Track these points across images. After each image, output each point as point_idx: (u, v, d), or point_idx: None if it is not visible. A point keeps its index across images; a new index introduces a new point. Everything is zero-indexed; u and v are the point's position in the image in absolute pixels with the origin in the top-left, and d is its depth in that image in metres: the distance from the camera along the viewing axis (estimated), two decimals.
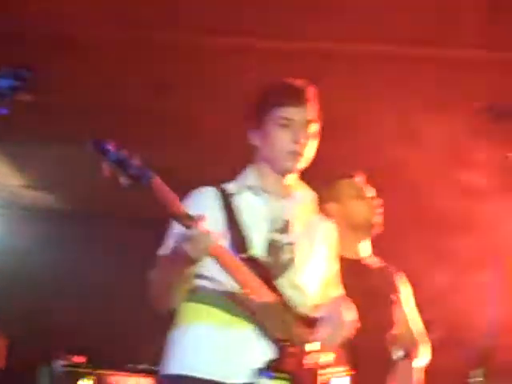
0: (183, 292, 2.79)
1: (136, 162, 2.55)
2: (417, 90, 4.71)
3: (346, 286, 3.63)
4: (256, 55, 4.58)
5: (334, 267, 3.06)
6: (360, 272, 3.72)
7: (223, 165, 3.83)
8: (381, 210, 3.78)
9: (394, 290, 3.79)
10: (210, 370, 2.73)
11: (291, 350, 2.74)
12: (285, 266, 2.84)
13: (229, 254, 2.70)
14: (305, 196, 2.99)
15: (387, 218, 3.79)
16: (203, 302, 2.79)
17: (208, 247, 2.60)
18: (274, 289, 2.77)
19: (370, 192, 3.82)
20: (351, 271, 3.68)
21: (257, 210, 2.86)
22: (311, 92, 2.91)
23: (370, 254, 3.82)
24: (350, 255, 3.73)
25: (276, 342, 2.73)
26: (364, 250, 3.79)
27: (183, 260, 2.63)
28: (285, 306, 2.78)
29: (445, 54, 4.53)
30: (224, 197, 2.85)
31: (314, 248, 2.95)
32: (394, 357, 3.61)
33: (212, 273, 2.76)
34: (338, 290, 3.07)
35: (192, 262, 2.64)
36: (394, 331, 3.71)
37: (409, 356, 3.62)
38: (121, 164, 2.53)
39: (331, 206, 3.79)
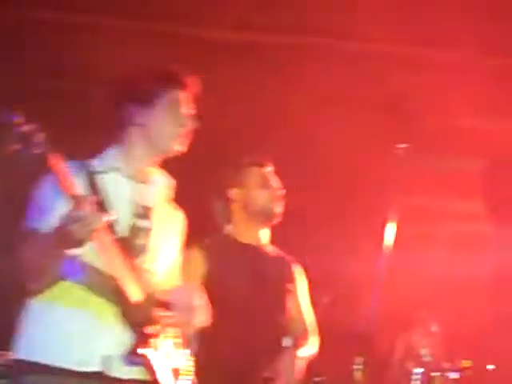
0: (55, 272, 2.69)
1: (39, 137, 2.52)
2: (324, 80, 4.78)
3: (243, 271, 3.68)
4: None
5: (181, 256, 3.10)
6: (257, 259, 3.76)
7: None
8: (282, 201, 3.83)
9: (290, 279, 3.84)
10: (61, 356, 2.68)
11: (148, 335, 2.74)
12: (139, 251, 2.84)
13: (108, 236, 2.66)
14: (163, 182, 3.02)
15: (289, 210, 3.84)
16: (68, 281, 2.72)
17: (95, 229, 2.54)
18: (137, 272, 2.77)
19: (275, 182, 3.87)
20: (249, 257, 3.73)
21: (122, 192, 2.85)
22: (197, 81, 2.97)
23: (268, 243, 3.88)
24: (248, 241, 3.78)
25: (136, 327, 2.73)
26: (263, 237, 3.84)
27: (67, 241, 2.55)
28: (145, 290, 2.78)
29: (346, 46, 4.63)
30: (89, 174, 2.80)
31: (167, 235, 2.99)
32: (283, 344, 3.65)
33: (83, 252, 2.68)
34: (180, 279, 3.10)
35: (76, 243, 2.56)
36: (287, 319, 3.77)
37: (296, 344, 3.67)
38: (25, 137, 2.50)
39: (235, 192, 3.83)
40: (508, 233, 5.08)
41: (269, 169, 3.88)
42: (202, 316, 2.88)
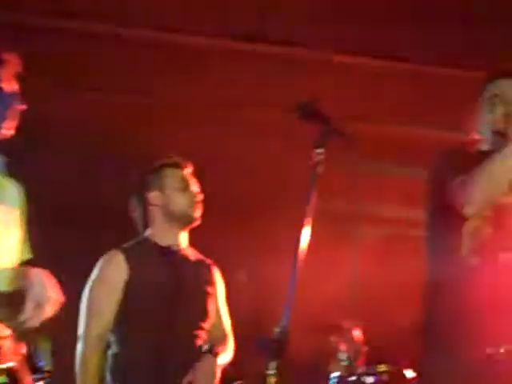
0: None
1: None
2: (237, 84, 4.78)
3: (163, 275, 3.65)
4: None
5: (24, 230, 3.00)
6: (177, 261, 3.74)
7: None
8: (201, 205, 3.80)
9: (209, 282, 3.84)
10: None
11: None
12: None
13: None
14: None
15: (206, 212, 3.82)
16: None
17: None
18: None
19: (194, 185, 3.83)
20: (168, 260, 3.70)
21: None
22: (17, 59, 2.90)
23: (187, 246, 3.85)
24: (168, 244, 3.76)
25: None
26: (182, 240, 3.81)
27: None
28: None
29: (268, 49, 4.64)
30: None
31: (7, 218, 2.87)
32: (203, 349, 3.64)
33: None
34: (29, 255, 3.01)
35: None
36: (208, 323, 3.76)
37: (215, 350, 3.65)
38: None
39: (154, 195, 3.80)
40: (436, 239, 5.16)
41: (188, 170, 3.85)
42: (53, 307, 2.80)
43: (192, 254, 3.85)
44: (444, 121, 4.97)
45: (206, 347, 3.65)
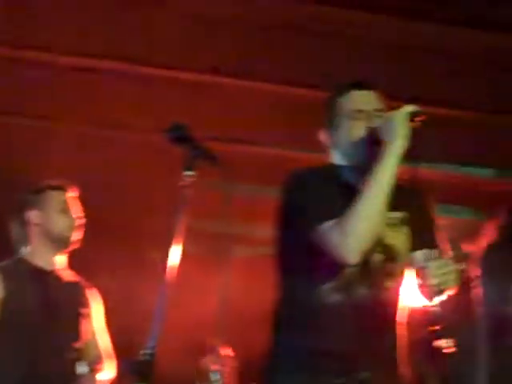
0: None
1: None
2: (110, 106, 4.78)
3: (35, 296, 3.68)
4: None
5: None
6: (50, 283, 3.75)
7: None
8: (81, 229, 3.83)
9: (84, 303, 3.85)
10: None
11: None
12: None
13: None
14: None
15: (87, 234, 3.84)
16: None
17: None
18: None
19: (76, 209, 3.83)
20: (42, 281, 3.70)
21: None
22: None
23: (65, 267, 3.85)
24: (43, 265, 3.77)
25: None
26: (58, 262, 3.82)
27: None
28: None
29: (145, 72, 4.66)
30: None
31: None
32: (78, 371, 3.61)
33: None
34: None
35: None
36: (80, 345, 3.76)
37: (94, 370, 3.64)
38: None
39: (35, 213, 3.80)
40: (292, 271, 5.25)
41: (71, 194, 3.83)
42: None
43: (67, 276, 3.86)
44: (316, 142, 5.09)
45: (82, 368, 3.64)
